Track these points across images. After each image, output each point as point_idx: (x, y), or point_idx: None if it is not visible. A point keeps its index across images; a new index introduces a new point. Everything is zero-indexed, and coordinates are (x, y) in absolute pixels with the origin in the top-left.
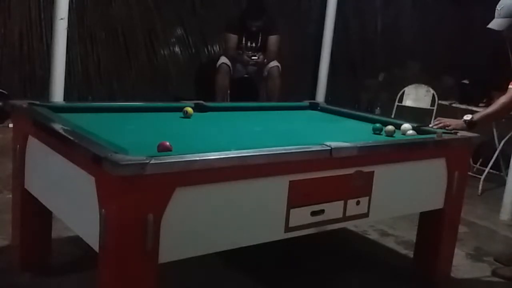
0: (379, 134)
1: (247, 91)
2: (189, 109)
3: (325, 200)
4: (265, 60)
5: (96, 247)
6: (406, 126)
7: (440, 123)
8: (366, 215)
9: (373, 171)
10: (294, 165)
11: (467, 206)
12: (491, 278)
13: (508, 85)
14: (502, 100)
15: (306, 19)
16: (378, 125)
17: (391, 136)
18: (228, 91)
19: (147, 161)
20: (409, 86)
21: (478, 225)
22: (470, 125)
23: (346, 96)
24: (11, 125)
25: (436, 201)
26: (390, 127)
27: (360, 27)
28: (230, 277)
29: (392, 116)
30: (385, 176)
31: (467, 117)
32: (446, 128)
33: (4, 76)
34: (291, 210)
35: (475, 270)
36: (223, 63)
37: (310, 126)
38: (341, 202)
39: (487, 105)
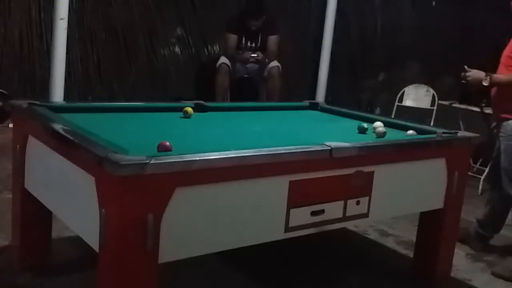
0: (365, 133)
1: (247, 91)
2: (189, 109)
3: (325, 200)
4: (266, 60)
5: (96, 247)
6: (377, 123)
7: (468, 72)
8: (366, 215)
9: (373, 171)
10: (294, 165)
11: (467, 206)
12: (491, 278)
13: None
14: None
15: (306, 19)
16: (364, 124)
17: (382, 137)
18: (228, 91)
19: (147, 161)
20: (409, 86)
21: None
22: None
23: (346, 96)
24: (11, 125)
25: (436, 201)
26: (380, 129)
27: (360, 27)
28: (230, 277)
29: (392, 116)
30: (385, 176)
31: (485, 82)
32: (465, 79)
33: (4, 76)
34: (291, 210)
35: (475, 270)
36: (223, 63)
37: (310, 126)
38: (341, 202)
39: (487, 105)
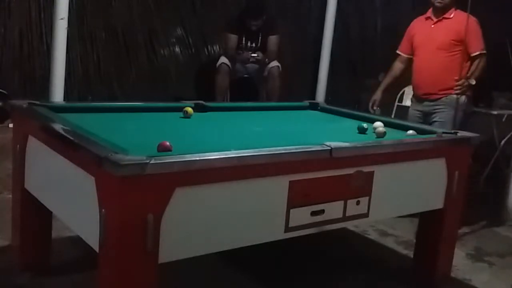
0: (365, 133)
1: (247, 91)
2: (189, 109)
3: (325, 200)
4: (266, 60)
5: (96, 247)
6: (377, 123)
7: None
8: (366, 215)
9: (373, 171)
10: (294, 165)
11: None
12: (491, 278)
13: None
14: (395, 68)
15: (306, 19)
16: (364, 124)
17: (382, 137)
18: (228, 91)
19: (147, 161)
20: (409, 86)
21: (478, 225)
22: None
23: (346, 96)
24: (11, 125)
25: (436, 201)
26: (380, 129)
27: (360, 27)
28: (230, 277)
29: (392, 116)
30: (385, 176)
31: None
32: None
33: (4, 76)
34: (291, 210)
35: (475, 270)
36: (223, 63)
37: (310, 126)
38: (341, 202)
39: (487, 105)
